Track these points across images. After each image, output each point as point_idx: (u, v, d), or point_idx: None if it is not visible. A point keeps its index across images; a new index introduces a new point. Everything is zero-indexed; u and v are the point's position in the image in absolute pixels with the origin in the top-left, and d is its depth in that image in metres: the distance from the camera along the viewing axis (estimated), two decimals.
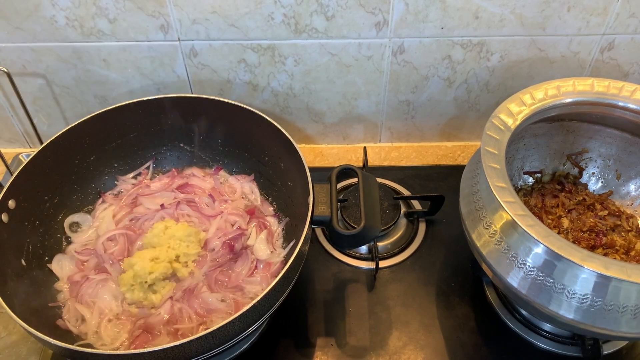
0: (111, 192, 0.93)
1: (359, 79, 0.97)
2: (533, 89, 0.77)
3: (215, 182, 0.93)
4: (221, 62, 0.94)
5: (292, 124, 1.05)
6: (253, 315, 0.64)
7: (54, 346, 0.61)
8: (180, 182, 0.93)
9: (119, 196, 0.92)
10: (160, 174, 0.96)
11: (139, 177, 0.94)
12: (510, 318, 0.82)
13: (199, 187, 0.92)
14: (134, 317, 0.76)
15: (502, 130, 0.72)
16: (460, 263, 0.89)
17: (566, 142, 0.88)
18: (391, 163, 1.07)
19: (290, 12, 0.86)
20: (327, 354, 0.78)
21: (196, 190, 0.92)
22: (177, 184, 0.93)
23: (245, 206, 0.90)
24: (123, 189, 0.93)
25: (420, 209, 0.97)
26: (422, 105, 1.02)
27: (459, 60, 0.94)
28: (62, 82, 0.97)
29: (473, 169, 0.78)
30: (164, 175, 0.95)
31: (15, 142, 1.08)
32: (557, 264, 0.63)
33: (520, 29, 0.89)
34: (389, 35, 0.90)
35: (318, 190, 0.74)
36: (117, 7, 0.86)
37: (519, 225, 0.61)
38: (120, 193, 0.92)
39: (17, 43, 0.90)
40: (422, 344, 0.80)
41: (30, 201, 0.80)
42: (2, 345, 0.80)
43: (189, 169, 0.96)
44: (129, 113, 0.88)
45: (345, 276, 0.88)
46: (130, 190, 0.92)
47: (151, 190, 0.91)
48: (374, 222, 0.72)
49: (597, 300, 0.62)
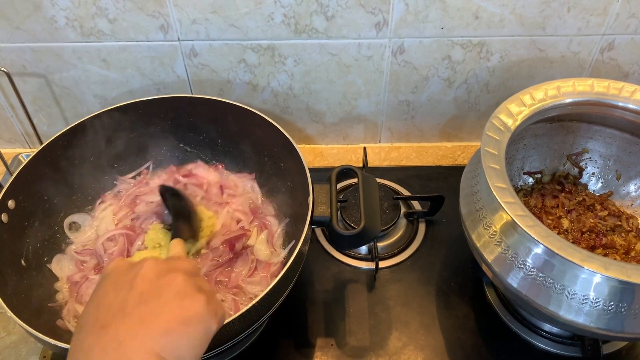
0: (111, 192, 0.92)
1: (359, 79, 0.97)
2: (533, 89, 0.77)
3: (220, 174, 0.93)
4: (221, 62, 0.94)
5: (292, 124, 1.05)
6: (253, 316, 0.64)
7: (54, 346, 0.61)
8: (184, 172, 0.93)
9: (119, 196, 0.92)
10: (160, 171, 0.95)
11: (138, 177, 0.94)
12: (510, 318, 0.82)
13: (204, 178, 0.92)
14: None
15: (502, 131, 0.72)
16: (460, 263, 0.89)
17: (566, 142, 0.88)
18: (391, 163, 1.07)
19: (290, 12, 0.86)
20: (327, 354, 0.78)
21: (202, 181, 0.92)
22: (181, 174, 0.93)
23: (249, 204, 0.90)
24: (122, 189, 0.93)
25: (420, 209, 0.97)
26: (422, 106, 1.02)
27: (459, 60, 0.94)
28: (62, 82, 0.97)
29: (473, 170, 0.78)
30: (163, 172, 0.95)
31: (15, 142, 1.08)
32: (556, 265, 0.63)
33: (520, 29, 0.89)
34: (389, 35, 0.90)
35: (318, 190, 0.74)
36: (117, 7, 0.86)
37: (518, 225, 0.61)
38: (120, 193, 0.92)
39: (17, 43, 0.90)
40: (422, 344, 0.80)
41: (30, 201, 0.80)
42: (2, 345, 0.80)
43: (190, 164, 0.95)
44: (129, 113, 0.88)
45: (345, 276, 0.88)
46: (130, 189, 0.92)
47: (150, 187, 0.91)
48: (373, 222, 0.72)
49: (597, 301, 0.62)
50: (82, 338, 0.45)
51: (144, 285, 0.48)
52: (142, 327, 0.44)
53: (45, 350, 0.79)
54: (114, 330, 0.44)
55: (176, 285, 0.48)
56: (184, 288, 0.48)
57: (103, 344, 0.43)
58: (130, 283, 0.48)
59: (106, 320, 0.45)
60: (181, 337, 0.45)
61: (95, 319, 0.46)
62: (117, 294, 0.48)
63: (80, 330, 0.46)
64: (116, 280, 0.50)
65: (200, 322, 0.47)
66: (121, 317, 0.45)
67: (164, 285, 0.48)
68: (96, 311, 0.47)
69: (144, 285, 0.48)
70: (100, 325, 0.45)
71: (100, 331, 0.44)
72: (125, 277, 0.50)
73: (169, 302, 0.47)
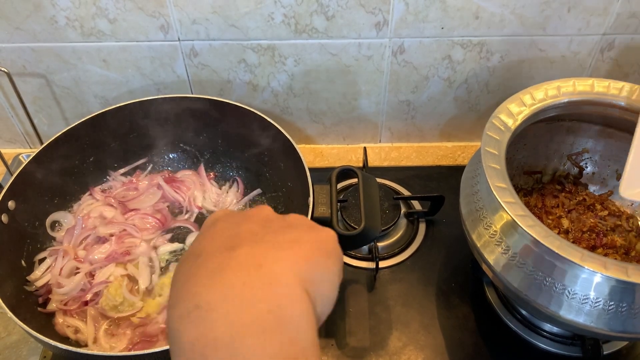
0: (101, 187, 0.92)
1: (359, 79, 0.97)
2: (533, 89, 0.77)
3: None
4: (221, 62, 0.94)
5: (292, 124, 1.05)
6: None
7: (54, 347, 0.61)
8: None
9: (107, 192, 0.91)
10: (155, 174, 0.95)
11: (129, 176, 0.94)
12: (511, 318, 0.82)
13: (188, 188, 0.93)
14: (132, 326, 0.76)
15: (502, 131, 0.72)
16: (460, 263, 0.89)
17: (566, 142, 0.88)
18: (391, 163, 1.07)
19: (290, 12, 0.86)
20: (327, 355, 0.78)
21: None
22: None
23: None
24: (113, 185, 0.92)
25: (420, 209, 0.97)
26: (422, 106, 1.02)
27: (459, 60, 0.94)
28: (62, 82, 0.97)
29: (473, 169, 0.78)
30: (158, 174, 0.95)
31: (15, 143, 1.08)
32: (557, 264, 0.63)
33: (520, 29, 0.89)
34: (389, 35, 0.90)
35: (318, 191, 0.74)
36: (117, 7, 0.86)
37: (519, 225, 0.61)
38: (110, 189, 0.92)
39: (17, 43, 0.90)
40: (422, 344, 0.80)
41: (30, 202, 0.80)
42: (2, 345, 0.80)
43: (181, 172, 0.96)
44: (129, 113, 0.88)
45: (345, 276, 0.88)
46: (117, 190, 0.91)
47: (139, 192, 0.91)
48: (374, 222, 0.72)
49: (597, 301, 0.62)
50: (202, 262, 0.36)
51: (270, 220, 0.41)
52: (283, 251, 0.36)
53: (45, 351, 0.78)
54: (248, 251, 0.36)
55: (306, 221, 0.42)
56: (315, 225, 0.42)
57: (237, 264, 0.35)
58: (253, 219, 0.41)
59: (235, 243, 0.37)
60: (324, 269, 0.38)
61: (219, 245, 0.37)
62: (239, 227, 0.39)
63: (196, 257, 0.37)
64: (233, 219, 0.41)
65: (338, 259, 0.40)
66: (253, 242, 0.37)
67: (293, 221, 0.42)
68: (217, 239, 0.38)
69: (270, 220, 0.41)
70: (229, 247, 0.36)
71: (229, 252, 0.36)
72: (243, 217, 0.42)
73: (306, 232, 0.40)
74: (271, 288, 0.34)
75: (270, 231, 0.39)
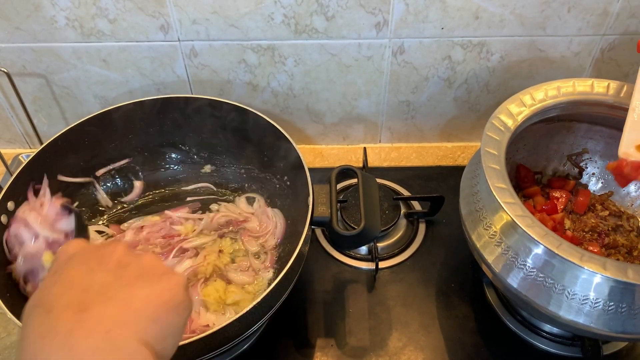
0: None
1: (359, 79, 0.97)
2: (533, 89, 0.77)
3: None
4: (221, 62, 0.94)
5: (292, 124, 1.05)
6: (253, 316, 0.64)
7: None
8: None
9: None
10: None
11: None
12: (510, 319, 0.82)
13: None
14: None
15: (502, 131, 0.72)
16: (460, 264, 0.89)
17: (566, 142, 0.88)
18: (391, 164, 1.07)
19: (290, 12, 0.86)
20: (327, 355, 0.78)
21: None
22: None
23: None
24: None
25: (420, 209, 0.97)
26: (422, 106, 1.02)
27: (459, 60, 0.94)
28: (62, 82, 0.97)
29: (473, 170, 0.78)
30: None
31: (15, 143, 1.08)
32: (556, 265, 0.63)
33: (520, 29, 0.89)
34: (389, 35, 0.90)
35: (318, 191, 0.74)
36: (117, 7, 0.86)
37: (518, 225, 0.61)
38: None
39: (17, 43, 0.90)
40: (422, 344, 0.80)
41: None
42: (2, 345, 0.80)
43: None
44: (129, 113, 0.88)
45: (345, 277, 0.88)
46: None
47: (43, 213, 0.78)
48: (373, 222, 0.72)
49: (597, 301, 0.62)
50: (53, 322, 0.39)
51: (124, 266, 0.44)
52: (131, 313, 0.40)
53: None
54: (98, 315, 0.39)
55: (160, 268, 0.45)
56: (167, 270, 0.45)
57: (87, 329, 0.38)
58: (106, 264, 0.43)
59: (86, 303, 0.40)
60: (170, 325, 0.42)
61: (70, 301, 0.40)
62: (92, 276, 0.42)
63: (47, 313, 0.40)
64: (86, 261, 0.44)
65: (186, 308, 0.44)
66: (104, 300, 0.40)
67: (147, 266, 0.44)
68: (68, 292, 0.41)
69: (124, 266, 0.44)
70: (80, 308, 0.39)
71: (80, 315, 0.39)
72: (97, 259, 0.44)
73: (157, 282, 0.43)
74: (118, 354, 0.38)
75: (124, 283, 0.42)
